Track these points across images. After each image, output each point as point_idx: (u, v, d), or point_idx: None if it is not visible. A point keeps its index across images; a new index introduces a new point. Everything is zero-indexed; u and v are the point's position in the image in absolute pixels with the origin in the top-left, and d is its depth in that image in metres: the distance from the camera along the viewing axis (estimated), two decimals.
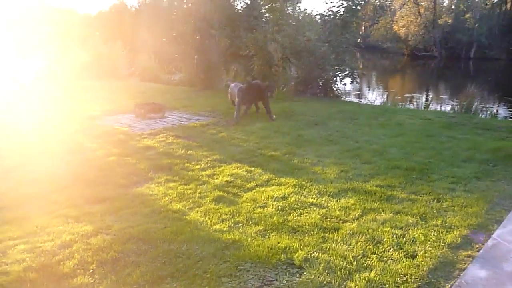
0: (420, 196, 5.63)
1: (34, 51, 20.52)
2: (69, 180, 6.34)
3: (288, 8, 17.03)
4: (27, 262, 3.96)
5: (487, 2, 48.48)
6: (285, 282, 3.69)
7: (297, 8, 16.68)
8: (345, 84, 15.81)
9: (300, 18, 15.94)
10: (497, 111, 15.16)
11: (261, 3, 26.63)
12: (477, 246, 4.22)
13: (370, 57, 51.33)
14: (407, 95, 20.93)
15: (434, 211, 5.12)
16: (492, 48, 44.60)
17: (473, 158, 7.41)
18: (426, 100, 19.30)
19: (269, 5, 16.80)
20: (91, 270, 3.84)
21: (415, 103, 17.42)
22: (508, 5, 47.39)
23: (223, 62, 15.87)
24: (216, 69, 15.66)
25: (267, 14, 20.02)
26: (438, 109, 14.70)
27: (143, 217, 5.04)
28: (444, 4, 51.67)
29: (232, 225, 4.82)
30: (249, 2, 40.30)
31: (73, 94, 14.57)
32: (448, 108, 14.71)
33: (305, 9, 19.59)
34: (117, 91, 15.72)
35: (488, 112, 13.17)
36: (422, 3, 49.79)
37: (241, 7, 41.45)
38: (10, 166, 6.97)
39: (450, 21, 48.08)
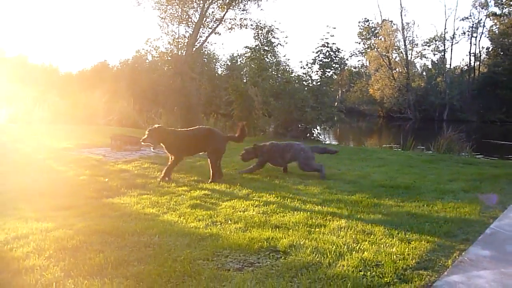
0: (409, 203, 5.35)
1: (10, 100, 20.26)
2: (36, 193, 5.85)
3: (267, 58, 17.41)
4: None
5: (456, 68, 51.04)
6: (268, 263, 3.28)
7: (276, 56, 17.00)
8: (325, 129, 15.85)
9: (281, 62, 16.22)
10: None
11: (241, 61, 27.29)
12: (475, 233, 3.92)
13: (347, 119, 52.38)
14: (385, 145, 21.08)
15: (426, 212, 4.84)
16: (464, 111, 46.17)
17: (459, 179, 7.24)
18: (403, 149, 19.40)
19: (250, 55, 17.17)
20: (47, 255, 3.37)
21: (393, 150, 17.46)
22: (477, 72, 50.03)
23: (202, 106, 15.81)
24: (196, 112, 15.56)
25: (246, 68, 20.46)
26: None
27: (111, 218, 4.59)
28: (417, 68, 53.99)
29: (209, 223, 4.41)
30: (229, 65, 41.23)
31: (46, 134, 14.12)
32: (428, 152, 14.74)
33: (284, 55, 20.07)
34: (93, 131, 15.34)
35: (468, 152, 13.20)
36: (396, 68, 51.93)
37: (221, 71, 42.05)
38: None
39: (423, 84, 50.05)
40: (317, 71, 15.80)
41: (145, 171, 7.68)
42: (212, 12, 22.14)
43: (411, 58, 52.06)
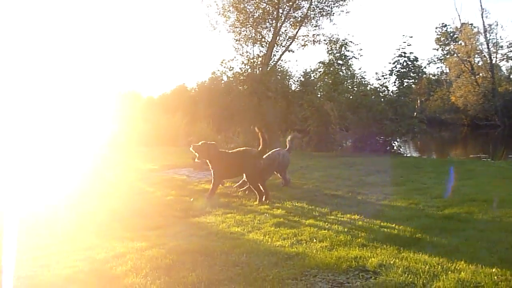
0: (507, 218, 4.99)
1: (101, 126, 21.80)
2: (128, 213, 6.22)
3: (342, 72, 17.23)
4: (78, 267, 3.76)
5: None
6: (358, 283, 3.22)
7: (351, 69, 16.80)
8: (405, 141, 15.32)
9: (356, 75, 16.01)
10: None
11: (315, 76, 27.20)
12: None
13: (428, 129, 50.11)
14: (472, 155, 19.86)
15: None
16: None
17: None
18: (493, 159, 18.17)
19: (324, 70, 17.12)
20: (144, 273, 3.56)
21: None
22: None
23: (278, 123, 15.96)
24: (273, 130, 15.74)
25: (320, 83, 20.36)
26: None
27: (200, 237, 4.76)
28: (504, 72, 50.54)
29: (294, 242, 4.42)
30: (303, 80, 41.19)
31: (132, 156, 15.01)
32: None
33: (360, 68, 19.81)
34: (175, 153, 16.05)
35: None
36: (479, 73, 48.97)
37: (295, 87, 42.12)
38: (75, 203, 6.99)
39: (511, 88, 46.65)
40: (394, 82, 15.46)
41: (227, 190, 7.88)
42: (285, 30, 22.52)
43: (495, 61, 48.85)
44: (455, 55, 52.14)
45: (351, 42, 16.98)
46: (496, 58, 49.02)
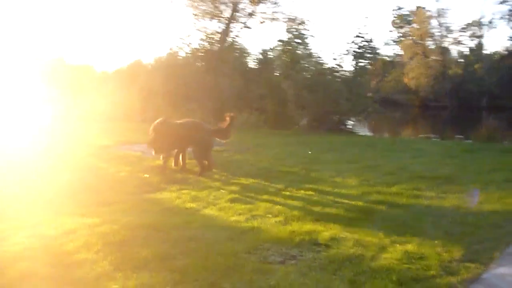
0: (451, 194, 5.24)
1: (52, 99, 20.97)
2: (79, 189, 6.04)
3: (299, 50, 17.30)
4: (26, 244, 3.64)
5: (495, 54, 49.20)
6: (310, 256, 3.30)
7: (308, 49, 16.89)
8: (359, 120, 15.68)
9: (313, 54, 16.13)
10: None
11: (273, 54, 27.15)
12: None
13: (381, 109, 51.41)
14: (422, 135, 20.63)
15: (470, 203, 4.72)
16: (503, 98, 44.48)
17: (501, 169, 7.02)
18: (441, 138, 18.94)
19: (282, 48, 17.12)
20: (96, 249, 3.50)
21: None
22: None
23: (235, 100, 15.90)
24: (229, 107, 15.66)
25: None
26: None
27: (154, 213, 4.72)
28: (454, 55, 52.33)
29: (249, 217, 4.46)
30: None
31: (86, 132, 14.56)
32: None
33: (317, 48, 19.96)
34: (130, 129, 15.70)
35: (510, 140, 12.76)
36: (431, 56, 50.53)
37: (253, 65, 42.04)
38: (22, 178, 6.72)
39: (460, 71, 48.50)
40: (350, 62, 15.70)
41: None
42: (244, 6, 22.22)
43: (447, 45, 50.52)
44: (409, 37, 53.42)
45: (309, 21, 17.10)
46: (447, 42, 50.64)
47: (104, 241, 3.68)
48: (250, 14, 21.22)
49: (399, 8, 57.70)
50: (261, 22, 21.45)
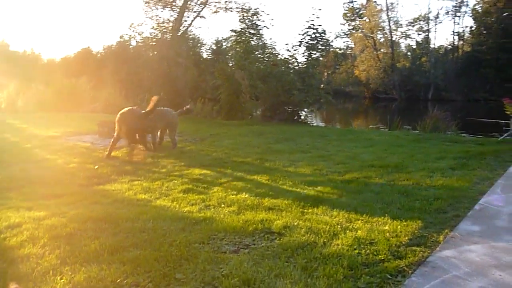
0: (399, 182, 5.43)
1: None
2: (24, 182, 5.79)
3: (253, 41, 17.28)
4: None
5: (441, 48, 51.27)
6: (264, 245, 3.32)
7: (262, 39, 16.90)
8: (312, 111, 15.91)
9: (267, 45, 16.15)
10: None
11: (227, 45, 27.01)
12: (464, 209, 4.00)
13: (333, 101, 52.41)
14: (372, 126, 21.24)
15: (416, 190, 4.91)
16: (448, 90, 46.54)
17: (446, 157, 7.33)
18: (390, 129, 19.58)
19: (236, 39, 17.03)
20: (42, 243, 3.36)
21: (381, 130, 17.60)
22: (460, 52, 50.39)
23: (189, 90, 15.69)
24: (183, 97, 15.45)
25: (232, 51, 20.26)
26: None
27: (104, 205, 4.58)
28: (402, 49, 54.09)
29: (202, 208, 4.43)
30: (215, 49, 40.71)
31: (32, 122, 13.93)
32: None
33: (270, 38, 20.01)
34: (79, 119, 15.17)
35: (453, 130, 13.35)
36: (381, 49, 51.96)
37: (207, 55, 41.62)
38: None
39: (407, 64, 50.23)
40: (303, 54, 15.86)
41: (135, 158, 7.64)
42: None
43: (395, 38, 52.13)
44: (360, 30, 54.68)
45: (263, 11, 17.10)
46: (396, 35, 52.25)
47: (51, 234, 3.55)
48: (203, 3, 20.99)
49: (351, 1, 58.94)
50: (215, 12, 21.30)
